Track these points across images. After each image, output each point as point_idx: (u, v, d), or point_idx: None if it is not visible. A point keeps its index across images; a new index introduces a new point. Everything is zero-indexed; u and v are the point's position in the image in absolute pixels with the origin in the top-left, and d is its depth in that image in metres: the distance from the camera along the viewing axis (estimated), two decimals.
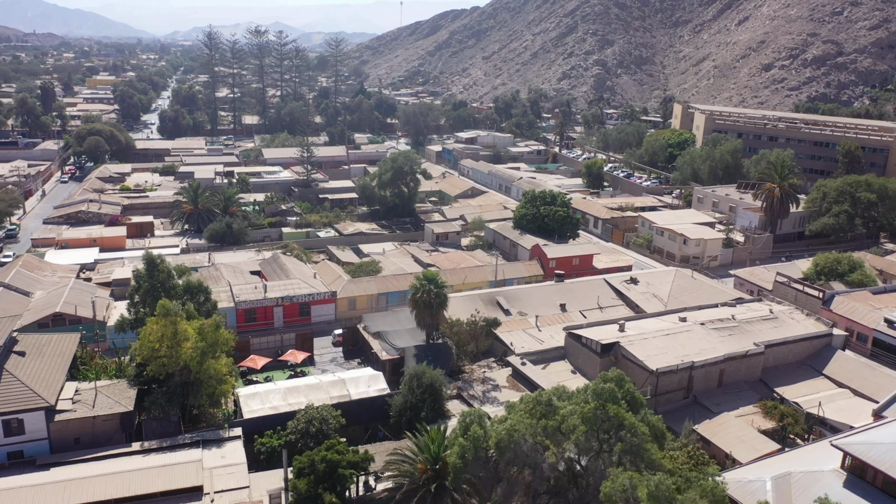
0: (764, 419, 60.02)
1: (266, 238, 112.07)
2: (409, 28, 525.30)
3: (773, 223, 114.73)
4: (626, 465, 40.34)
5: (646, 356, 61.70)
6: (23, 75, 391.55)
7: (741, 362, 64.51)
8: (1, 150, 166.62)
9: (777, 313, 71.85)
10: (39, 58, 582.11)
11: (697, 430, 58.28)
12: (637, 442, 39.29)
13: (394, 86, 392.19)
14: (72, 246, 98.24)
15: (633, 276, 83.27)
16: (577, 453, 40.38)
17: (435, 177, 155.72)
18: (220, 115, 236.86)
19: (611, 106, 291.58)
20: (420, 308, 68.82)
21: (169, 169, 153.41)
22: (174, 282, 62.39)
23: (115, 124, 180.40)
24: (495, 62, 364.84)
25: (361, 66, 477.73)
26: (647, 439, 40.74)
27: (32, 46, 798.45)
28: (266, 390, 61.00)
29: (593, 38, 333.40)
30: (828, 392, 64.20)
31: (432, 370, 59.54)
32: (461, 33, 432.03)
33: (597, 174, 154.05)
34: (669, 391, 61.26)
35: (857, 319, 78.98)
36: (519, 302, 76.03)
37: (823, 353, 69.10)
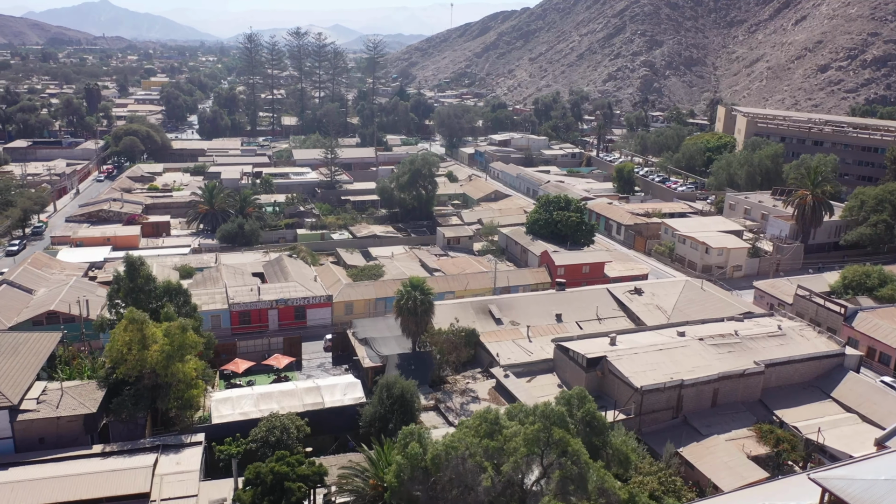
0: (757, 444, 56.08)
1: (281, 239, 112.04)
2: (458, 30, 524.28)
3: (805, 232, 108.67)
4: (572, 491, 37.68)
5: (632, 372, 58.46)
6: (83, 77, 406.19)
7: (738, 382, 60.56)
8: (44, 149, 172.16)
9: (786, 330, 67.38)
10: (104, 60, 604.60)
11: (682, 453, 54.83)
12: (577, 471, 36.53)
13: (439, 87, 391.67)
14: (86, 244, 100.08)
15: (637, 286, 79.60)
16: (519, 477, 37.87)
17: (461, 179, 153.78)
18: (261, 116, 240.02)
19: (657, 108, 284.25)
20: (404, 315, 67.05)
21: (199, 169, 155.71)
22: (154, 284, 62.00)
23: (152, 125, 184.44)
24: (541, 64, 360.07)
25: (410, 67, 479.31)
26: (595, 466, 37.93)
27: (100, 49, 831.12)
28: (239, 395, 60.14)
29: (641, 39, 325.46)
30: (833, 417, 59.70)
31: (405, 380, 57.64)
32: (509, 34, 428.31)
33: (627, 178, 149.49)
34: (656, 410, 57.86)
35: (879, 338, 73.88)
36: (512, 311, 73.42)
37: (834, 374, 64.39)
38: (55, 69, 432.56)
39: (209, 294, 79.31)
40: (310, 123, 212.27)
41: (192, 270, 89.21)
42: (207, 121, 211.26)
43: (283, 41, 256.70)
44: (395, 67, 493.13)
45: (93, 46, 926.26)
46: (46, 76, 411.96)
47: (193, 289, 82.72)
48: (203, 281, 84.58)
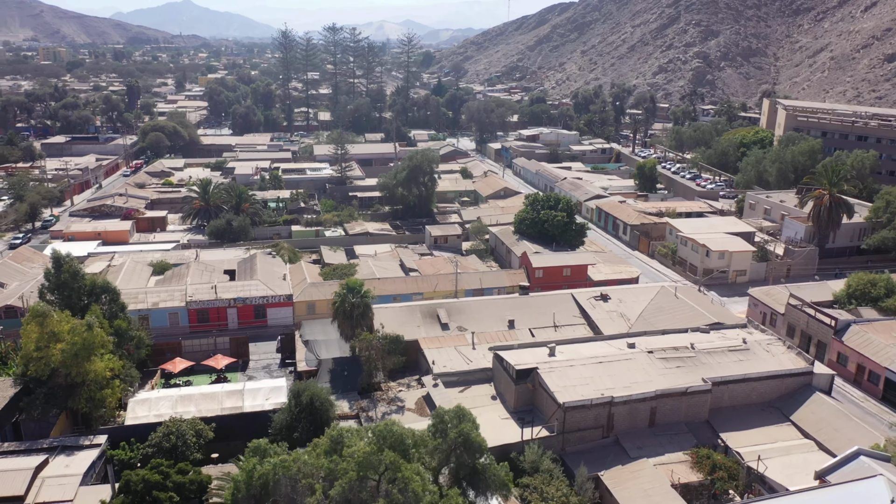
0: (691, 470, 51.21)
1: (275, 236, 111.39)
2: (515, 23, 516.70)
3: (822, 235, 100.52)
4: None
5: (559, 387, 54.38)
6: (147, 75, 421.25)
7: (680, 400, 55.56)
8: (79, 143, 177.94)
9: (751, 344, 61.62)
10: (176, 58, 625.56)
11: (603, 477, 50.58)
12: (401, 499, 33.32)
13: (489, 82, 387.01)
14: (77, 239, 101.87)
15: (604, 292, 74.71)
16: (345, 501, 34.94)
17: (476, 176, 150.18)
18: (299, 112, 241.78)
19: (708, 101, 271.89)
20: (340, 318, 64.83)
21: (219, 165, 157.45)
22: (82, 282, 61.66)
23: (181, 121, 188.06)
24: (591, 56, 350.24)
25: (464, 62, 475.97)
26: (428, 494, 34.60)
27: (174, 47, 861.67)
28: (158, 397, 59.25)
29: (696, 30, 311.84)
30: (787, 443, 54.06)
31: (316, 386, 55.37)
32: (563, 27, 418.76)
33: (649, 175, 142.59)
34: (582, 429, 53.63)
35: (869, 355, 67.10)
36: (463, 315, 70.02)
37: (799, 394, 58.44)
38: (122, 67, 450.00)
39: (168, 291, 79.02)
40: (341, 119, 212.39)
41: (169, 266, 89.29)
42: (240, 117, 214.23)
43: (319, 36, 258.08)
44: (449, 62, 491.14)
45: (169, 45, 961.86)
46: (114, 73, 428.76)
47: (161, 285, 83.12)
48: (171, 277, 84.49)
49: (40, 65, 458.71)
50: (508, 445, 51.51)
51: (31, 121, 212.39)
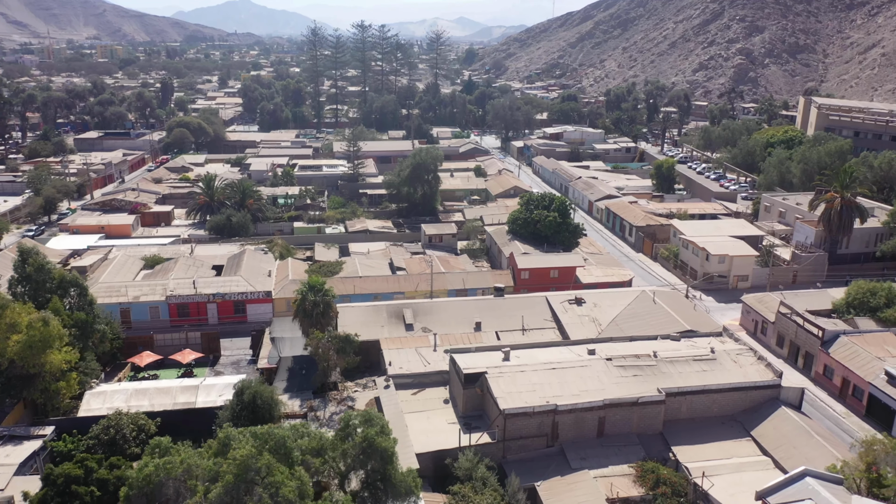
0: (633, 484, 49.16)
1: (278, 232, 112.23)
2: (559, 19, 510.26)
3: (834, 240, 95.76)
4: None
5: (503, 393, 52.93)
6: (194, 72, 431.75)
7: (631, 410, 53.41)
8: (111, 139, 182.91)
9: (718, 354, 58.89)
10: (227, 56, 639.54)
11: (539, 488, 48.99)
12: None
13: (529, 79, 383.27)
14: (82, 232, 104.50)
15: (578, 296, 72.58)
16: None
17: (490, 174, 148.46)
18: (333, 109, 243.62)
19: (749, 99, 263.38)
20: (300, 317, 64.60)
21: (239, 161, 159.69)
22: (49, 275, 62.83)
23: (208, 117, 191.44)
24: (631, 53, 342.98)
25: (506, 59, 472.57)
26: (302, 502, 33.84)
27: (228, 45, 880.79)
28: (114, 390, 60.03)
29: (740, 25, 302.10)
30: (743, 459, 51.43)
31: (260, 384, 55.18)
32: (606, 23, 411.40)
33: (667, 175, 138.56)
34: (525, 437, 52.06)
35: (853, 369, 63.62)
36: (429, 316, 68.95)
37: (764, 408, 55.55)
38: (172, 64, 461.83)
39: (150, 286, 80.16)
40: (368, 116, 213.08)
41: (161, 260, 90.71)
42: (268, 113, 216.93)
43: (348, 33, 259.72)
44: (491, 59, 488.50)
45: (223, 42, 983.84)
46: (163, 70, 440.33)
47: (147, 279, 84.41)
48: (158, 272, 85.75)
49: (94, 62, 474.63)
50: (444, 451, 50.39)
51: (71, 116, 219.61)
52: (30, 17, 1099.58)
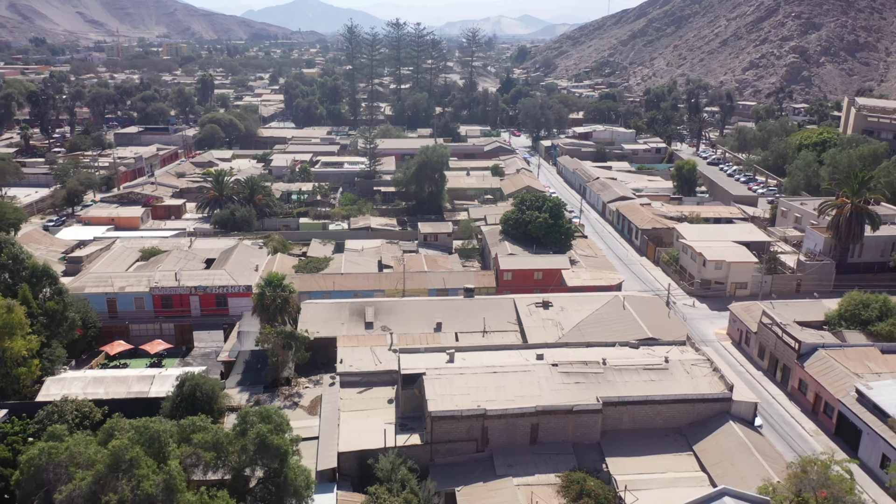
0: (556, 495, 47.88)
1: (284, 227, 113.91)
2: (614, 16, 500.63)
3: (844, 248, 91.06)
4: None
5: (435, 395, 52.31)
6: (249, 69, 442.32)
7: (566, 418, 51.98)
8: (148, 134, 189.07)
9: (672, 364, 56.71)
10: (287, 53, 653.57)
11: (458, 493, 48.24)
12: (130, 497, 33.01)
13: (577, 77, 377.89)
14: (93, 223, 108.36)
15: (546, 299, 70.97)
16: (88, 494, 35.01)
17: (508, 174, 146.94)
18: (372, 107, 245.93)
19: (801, 100, 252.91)
20: (259, 312, 65.30)
21: (264, 157, 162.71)
22: (23, 265, 65.20)
23: (239, 113, 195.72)
24: (681, 51, 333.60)
25: (557, 56, 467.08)
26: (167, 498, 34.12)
27: (290, 43, 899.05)
28: (74, 377, 61.87)
29: (795, 22, 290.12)
30: (679, 474, 49.43)
31: (202, 376, 56.05)
32: (660, 20, 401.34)
33: (687, 177, 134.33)
34: (453, 440, 51.30)
35: (825, 385, 60.48)
36: (392, 316, 68.61)
37: (712, 422, 53.21)
38: (229, 62, 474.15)
39: (137, 277, 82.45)
40: (400, 113, 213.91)
41: (157, 252, 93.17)
42: (302, 110, 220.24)
43: (383, 31, 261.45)
44: (543, 56, 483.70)
45: (287, 41, 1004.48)
46: (220, 68, 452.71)
47: (138, 270, 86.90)
48: (150, 264, 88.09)
49: (156, 60, 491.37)
50: (368, 451, 50.02)
51: (118, 112, 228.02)
52: (106, 16, 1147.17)
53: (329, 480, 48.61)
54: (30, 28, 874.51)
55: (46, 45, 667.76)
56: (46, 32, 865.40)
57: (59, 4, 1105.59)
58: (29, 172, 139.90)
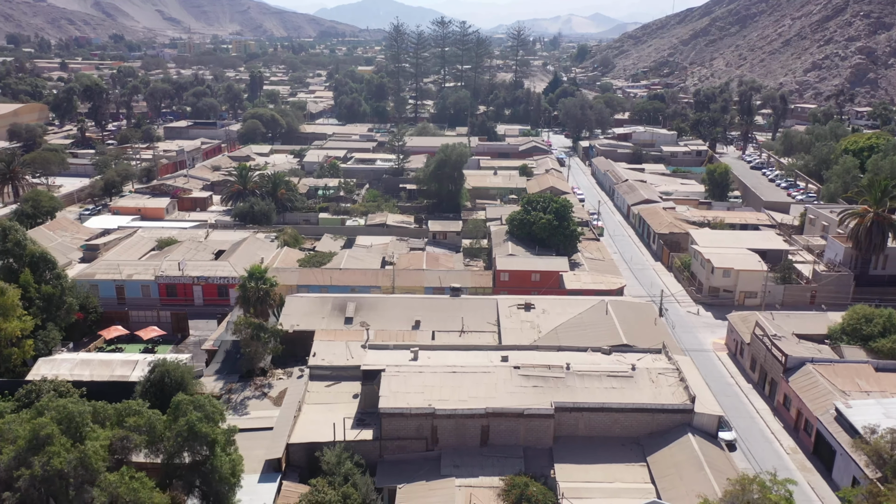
0: (496, 497, 47.53)
1: (304, 222, 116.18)
2: (678, 15, 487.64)
3: (865, 259, 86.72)
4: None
5: (389, 392, 52.65)
6: (308, 66, 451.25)
7: (517, 422, 51.44)
8: (196, 128, 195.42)
9: (638, 372, 55.38)
10: (351, 51, 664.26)
11: (399, 490, 48.45)
12: (40, 473, 34.56)
13: (635, 77, 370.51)
14: (121, 213, 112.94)
15: (528, 301, 70.16)
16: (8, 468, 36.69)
17: (537, 174, 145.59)
18: (415, 104, 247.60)
19: (865, 103, 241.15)
20: (240, 303, 66.94)
21: (300, 152, 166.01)
22: (25, 251, 68.58)
23: (282, 109, 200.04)
24: (742, 51, 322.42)
25: (617, 56, 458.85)
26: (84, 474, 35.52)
27: (356, 41, 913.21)
28: (63, 359, 64.82)
29: (863, 22, 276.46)
30: (627, 485, 48.33)
31: (172, 362, 57.88)
32: (724, 19, 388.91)
33: (719, 181, 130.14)
34: (402, 438, 51.49)
35: (806, 402, 58.05)
36: (373, 312, 69.17)
37: (670, 434, 51.70)
38: (291, 59, 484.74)
39: (145, 266, 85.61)
40: (443, 111, 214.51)
41: (172, 242, 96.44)
42: (345, 107, 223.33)
43: (428, 30, 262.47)
44: (602, 56, 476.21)
45: (354, 38, 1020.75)
46: (282, 65, 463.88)
47: (150, 259, 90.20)
48: (163, 253, 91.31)
49: (222, 57, 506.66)
50: (318, 444, 50.66)
51: (173, 107, 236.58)
52: (183, 14, 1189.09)
53: (275, 470, 49.57)
54: (112, 25, 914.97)
55: (124, 41, 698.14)
56: (126, 29, 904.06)
57: (140, 2, 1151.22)
58: (76, 163, 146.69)
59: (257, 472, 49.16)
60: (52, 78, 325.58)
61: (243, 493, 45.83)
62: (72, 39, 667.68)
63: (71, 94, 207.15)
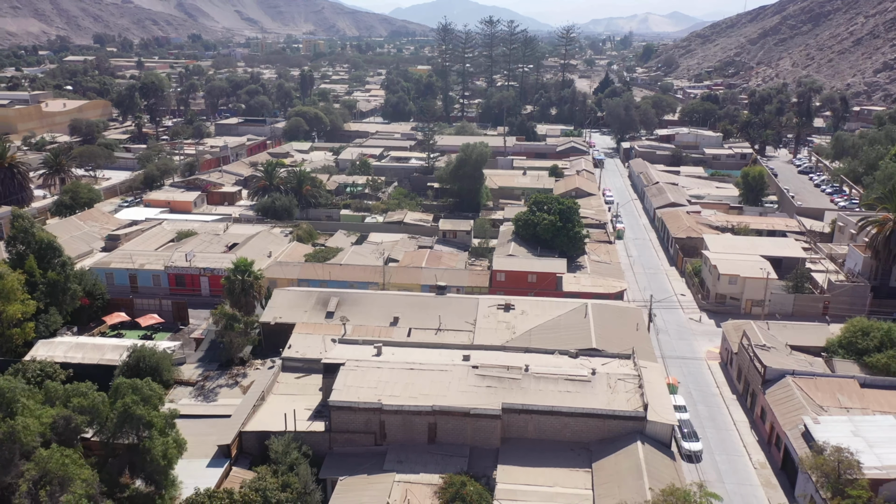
0: (432, 495, 47.80)
1: (326, 217, 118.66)
2: (750, 13, 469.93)
3: (886, 269, 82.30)
4: None
5: (342, 385, 53.60)
6: (370, 65, 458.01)
7: (464, 421, 51.50)
8: (246, 125, 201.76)
9: (597, 377, 54.46)
10: (418, 50, 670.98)
11: (339, 482, 49.31)
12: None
13: (698, 77, 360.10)
14: (152, 205, 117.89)
15: (508, 301, 69.73)
16: None
17: (568, 175, 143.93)
18: (462, 103, 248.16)
19: None
20: (226, 294, 69.22)
21: (339, 150, 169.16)
22: (34, 238, 72.69)
23: (326, 107, 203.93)
24: (810, 51, 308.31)
25: (684, 55, 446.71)
26: None
27: (425, 41, 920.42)
28: (61, 342, 68.43)
29: None
30: (567, 490, 47.78)
31: (149, 348, 60.67)
32: (796, 17, 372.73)
33: (754, 185, 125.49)
34: (351, 431, 52.35)
35: (779, 415, 55.93)
36: (354, 307, 70.18)
37: (621, 441, 50.70)
38: (353, 58, 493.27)
39: (157, 256, 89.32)
40: (488, 111, 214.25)
41: (192, 234, 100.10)
42: (391, 106, 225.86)
43: (476, 28, 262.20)
44: (668, 55, 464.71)
45: (423, 38, 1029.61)
46: (346, 63, 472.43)
47: (165, 250, 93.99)
48: (179, 244, 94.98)
49: (288, 56, 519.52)
50: (269, 433, 52.05)
51: (230, 104, 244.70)
52: (260, 14, 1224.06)
53: (226, 456, 51.22)
54: (192, 25, 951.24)
55: (201, 41, 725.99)
56: (206, 30, 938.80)
57: (220, 3, 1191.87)
58: (124, 157, 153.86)
59: (209, 457, 50.99)
60: (125, 76, 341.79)
61: (188, 475, 47.75)
62: (153, 39, 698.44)
63: (133, 92, 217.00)
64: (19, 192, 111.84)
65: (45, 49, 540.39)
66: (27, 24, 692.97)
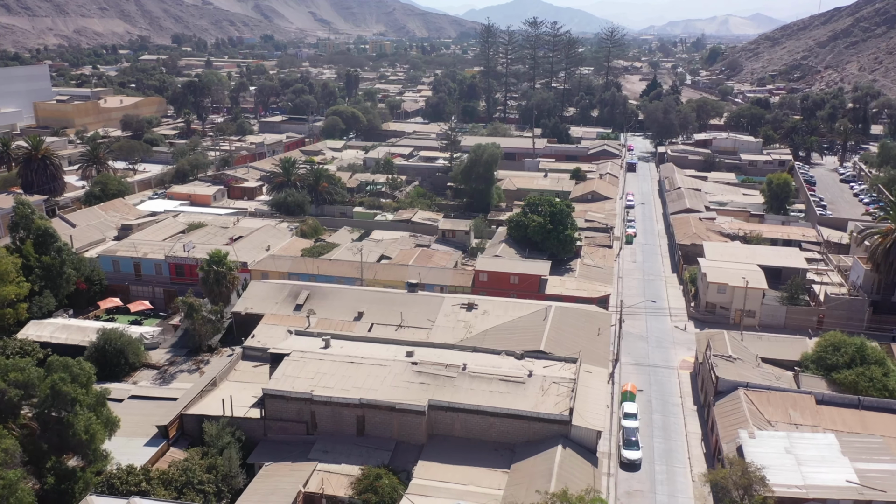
0: (348, 485, 48.84)
1: (340, 214, 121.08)
2: (823, 15, 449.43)
3: (889, 283, 78.30)
4: None
5: (281, 375, 55.28)
6: (431, 66, 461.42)
7: (390, 415, 52.26)
8: (288, 123, 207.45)
9: (533, 379, 54.29)
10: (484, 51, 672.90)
11: (263, 469, 50.88)
12: None
13: (762, 81, 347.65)
14: (175, 198, 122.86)
15: (471, 301, 69.79)
16: None
17: (590, 178, 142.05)
18: (504, 104, 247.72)
19: None
20: (202, 285, 71.93)
21: (370, 149, 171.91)
22: (34, 224, 77.30)
23: (364, 107, 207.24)
24: (879, 55, 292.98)
25: (750, 58, 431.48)
26: None
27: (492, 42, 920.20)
28: (50, 323, 72.63)
29: None
30: (481, 490, 48.08)
31: (117, 332, 63.77)
32: (869, 20, 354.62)
33: (778, 193, 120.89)
34: (284, 419, 53.87)
35: (720, 429, 54.64)
36: (323, 301, 71.73)
37: (544, 443, 50.51)
38: (413, 58, 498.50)
39: (160, 246, 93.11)
40: (528, 112, 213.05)
41: (201, 225, 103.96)
42: (431, 106, 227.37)
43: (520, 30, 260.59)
44: (733, 58, 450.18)
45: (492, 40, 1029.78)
46: (406, 65, 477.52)
47: (171, 240, 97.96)
48: (186, 235, 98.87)
49: (351, 56, 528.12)
50: (208, 416, 54.04)
51: (279, 103, 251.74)
52: (333, 15, 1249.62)
53: (163, 436, 53.46)
54: (267, 26, 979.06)
55: (273, 41, 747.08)
56: (280, 30, 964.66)
57: (295, 4, 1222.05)
58: (161, 151, 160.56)
59: (148, 437, 53.37)
60: (189, 74, 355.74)
61: (123, 453, 50.16)
62: (227, 39, 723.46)
63: (186, 90, 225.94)
64: (52, 182, 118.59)
65: (125, 48, 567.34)
66: (113, 24, 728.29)
